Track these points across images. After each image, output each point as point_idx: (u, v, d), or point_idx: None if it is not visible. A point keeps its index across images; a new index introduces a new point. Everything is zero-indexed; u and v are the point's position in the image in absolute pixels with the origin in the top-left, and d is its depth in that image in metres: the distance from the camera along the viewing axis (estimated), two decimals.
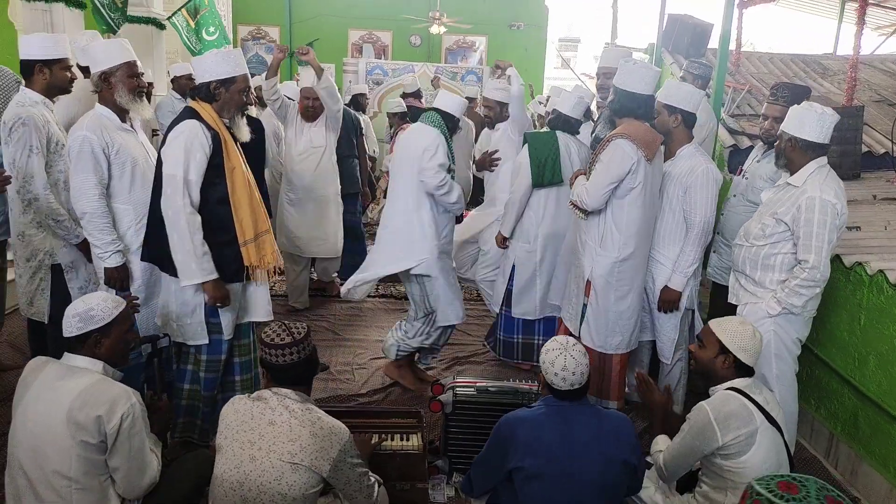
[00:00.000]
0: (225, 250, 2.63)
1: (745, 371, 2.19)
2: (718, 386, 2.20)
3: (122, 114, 2.80)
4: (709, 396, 2.23)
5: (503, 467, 2.06)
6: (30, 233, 3.02)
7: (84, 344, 2.04)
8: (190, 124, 2.53)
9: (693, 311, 3.22)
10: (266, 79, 4.35)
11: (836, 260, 3.06)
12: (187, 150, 2.50)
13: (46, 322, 3.08)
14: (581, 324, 3.06)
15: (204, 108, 2.59)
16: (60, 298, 2.98)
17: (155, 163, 2.75)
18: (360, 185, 5.21)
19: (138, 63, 2.82)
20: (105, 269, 2.72)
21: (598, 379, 3.06)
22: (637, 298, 3.05)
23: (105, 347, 2.07)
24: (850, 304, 3.05)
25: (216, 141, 2.57)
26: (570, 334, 3.00)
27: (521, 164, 3.60)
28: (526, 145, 3.59)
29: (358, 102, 6.76)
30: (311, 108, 4.48)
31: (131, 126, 2.85)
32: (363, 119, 6.50)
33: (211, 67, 2.58)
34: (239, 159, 2.67)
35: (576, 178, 3.11)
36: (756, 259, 2.73)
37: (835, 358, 3.14)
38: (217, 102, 2.61)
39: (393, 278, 3.65)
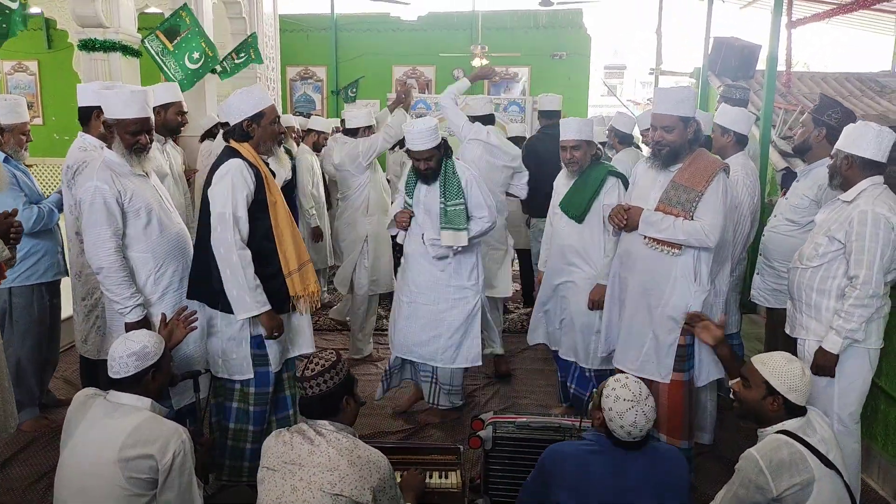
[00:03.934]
0: (271, 282, 2.64)
1: (797, 411, 2.03)
2: (768, 428, 2.05)
3: (135, 158, 2.65)
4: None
5: (545, 501, 1.99)
6: (86, 272, 3.14)
7: (139, 382, 2.07)
8: (234, 163, 2.59)
9: None
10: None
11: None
12: (234, 187, 2.55)
13: (98, 359, 3.18)
14: (681, 366, 2.81)
15: (242, 147, 2.65)
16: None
17: (169, 206, 2.81)
18: None
19: (147, 119, 2.65)
20: (126, 324, 2.57)
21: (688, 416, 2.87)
22: None
23: (158, 382, 2.12)
24: None
25: (258, 177, 2.63)
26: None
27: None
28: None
29: None
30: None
31: (143, 171, 2.71)
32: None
33: (239, 107, 2.62)
34: (279, 193, 2.72)
35: (631, 212, 2.83)
36: (812, 283, 2.60)
37: None
38: (253, 139, 2.66)
39: None
